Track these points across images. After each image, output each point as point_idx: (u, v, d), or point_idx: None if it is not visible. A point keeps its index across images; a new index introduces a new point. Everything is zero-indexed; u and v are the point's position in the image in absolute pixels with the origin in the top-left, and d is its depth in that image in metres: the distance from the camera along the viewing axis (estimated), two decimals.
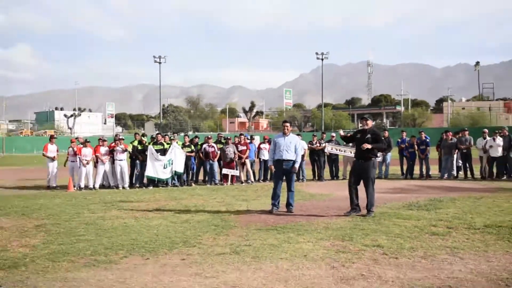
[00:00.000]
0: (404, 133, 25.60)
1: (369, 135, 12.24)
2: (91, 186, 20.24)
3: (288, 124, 13.90)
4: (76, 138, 21.36)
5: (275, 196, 13.31)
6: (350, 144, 15.99)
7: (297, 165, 13.63)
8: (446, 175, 23.07)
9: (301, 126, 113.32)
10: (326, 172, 23.79)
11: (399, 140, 24.80)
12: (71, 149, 20.63)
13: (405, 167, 24.25)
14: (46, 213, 13.34)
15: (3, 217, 12.84)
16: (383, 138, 12.64)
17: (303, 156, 15.74)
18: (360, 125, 13.01)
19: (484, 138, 22.54)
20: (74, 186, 20.04)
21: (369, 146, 11.98)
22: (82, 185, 20.15)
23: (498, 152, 21.93)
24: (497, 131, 23.01)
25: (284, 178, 13.40)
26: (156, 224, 11.45)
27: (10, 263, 7.97)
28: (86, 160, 20.21)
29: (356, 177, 12.38)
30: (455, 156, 23.12)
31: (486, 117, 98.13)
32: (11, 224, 11.73)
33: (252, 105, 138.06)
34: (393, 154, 24.75)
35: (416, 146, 23.75)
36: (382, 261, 7.91)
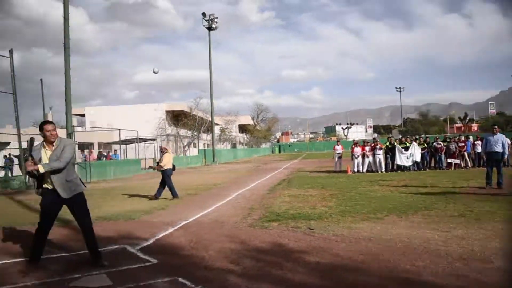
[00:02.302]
0: None
1: None
2: (361, 171, 20.18)
3: (496, 127, 12.50)
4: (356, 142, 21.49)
5: (488, 177, 12.00)
6: None
7: (505, 156, 12.19)
8: None
9: (503, 128, 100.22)
10: None
11: None
12: (353, 147, 20.80)
13: None
14: (336, 187, 13.63)
15: (311, 189, 13.41)
16: None
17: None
18: None
19: None
20: (350, 171, 20.17)
21: None
22: (355, 170, 20.19)
23: None
24: None
25: (494, 164, 12.03)
26: (405, 195, 11.01)
27: (318, 216, 8.29)
28: (357, 154, 20.32)
29: None
30: None
31: None
32: (316, 193, 12.19)
33: (466, 115, 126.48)
34: None
35: None
36: None
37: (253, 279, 4.67)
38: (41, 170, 4.99)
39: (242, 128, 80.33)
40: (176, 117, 46.03)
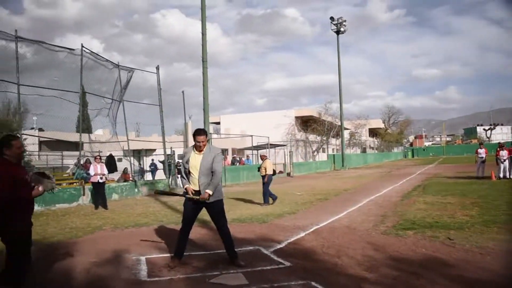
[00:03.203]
0: None
1: None
2: (508, 177, 18.26)
3: None
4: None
5: None
6: None
7: None
8: None
9: None
10: None
11: None
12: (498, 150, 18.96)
13: None
14: (478, 194, 12.53)
15: (450, 196, 12.52)
16: None
17: None
18: None
19: None
20: (495, 177, 18.38)
21: None
22: (501, 176, 18.34)
23: None
24: None
25: None
26: None
27: (458, 226, 7.70)
28: (503, 158, 18.45)
29: None
30: None
31: None
32: (455, 200, 11.35)
33: None
34: None
35: None
36: None
37: None
38: (210, 192, 5.47)
39: (373, 132, 78.10)
40: (305, 123, 46.56)
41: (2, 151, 4.14)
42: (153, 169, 25.19)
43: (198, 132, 5.60)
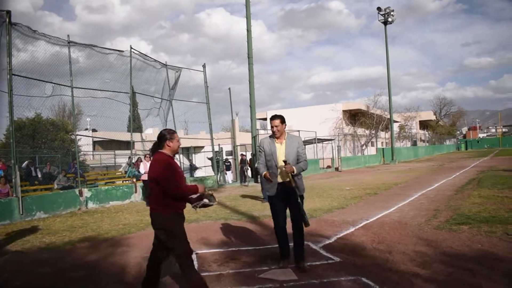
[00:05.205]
0: None
1: None
2: None
3: None
4: None
5: None
6: None
7: None
8: None
9: None
10: None
11: None
12: None
13: None
14: None
15: (507, 189, 11.82)
16: None
17: None
18: None
19: None
20: None
21: None
22: None
23: None
24: None
25: None
26: None
27: None
28: None
29: None
30: None
31: None
32: None
33: None
34: None
35: None
36: None
37: (442, 285, 4.40)
38: (294, 169, 5.09)
39: (423, 125, 75.74)
40: (353, 116, 45.82)
41: (163, 145, 4.15)
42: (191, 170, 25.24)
43: (272, 118, 5.28)
